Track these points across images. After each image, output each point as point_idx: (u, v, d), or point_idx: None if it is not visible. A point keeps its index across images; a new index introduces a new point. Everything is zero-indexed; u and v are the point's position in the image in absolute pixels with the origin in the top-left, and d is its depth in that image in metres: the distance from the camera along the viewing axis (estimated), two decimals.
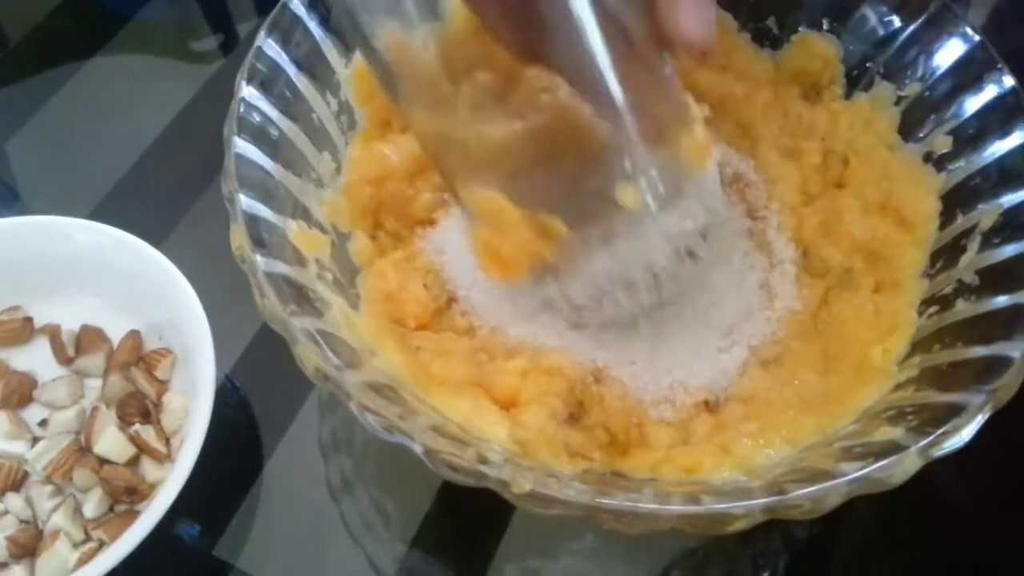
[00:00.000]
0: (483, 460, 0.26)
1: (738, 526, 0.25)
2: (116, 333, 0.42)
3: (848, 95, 0.40)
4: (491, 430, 0.29)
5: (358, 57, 0.38)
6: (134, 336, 0.41)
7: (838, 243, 0.38)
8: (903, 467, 0.25)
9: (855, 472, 0.26)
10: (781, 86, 0.41)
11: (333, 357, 0.27)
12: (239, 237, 0.30)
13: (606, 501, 0.25)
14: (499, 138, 0.30)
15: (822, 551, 0.39)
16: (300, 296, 0.30)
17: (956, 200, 0.35)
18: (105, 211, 0.50)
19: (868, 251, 0.37)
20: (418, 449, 0.26)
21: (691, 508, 0.25)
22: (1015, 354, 0.28)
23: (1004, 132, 0.34)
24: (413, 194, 0.39)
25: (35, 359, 0.41)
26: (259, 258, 0.29)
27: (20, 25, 0.59)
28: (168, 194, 0.51)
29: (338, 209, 0.36)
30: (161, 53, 0.58)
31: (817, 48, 0.40)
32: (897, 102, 0.38)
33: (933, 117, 0.37)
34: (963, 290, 0.33)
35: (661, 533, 0.26)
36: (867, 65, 0.39)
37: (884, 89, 0.39)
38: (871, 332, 0.34)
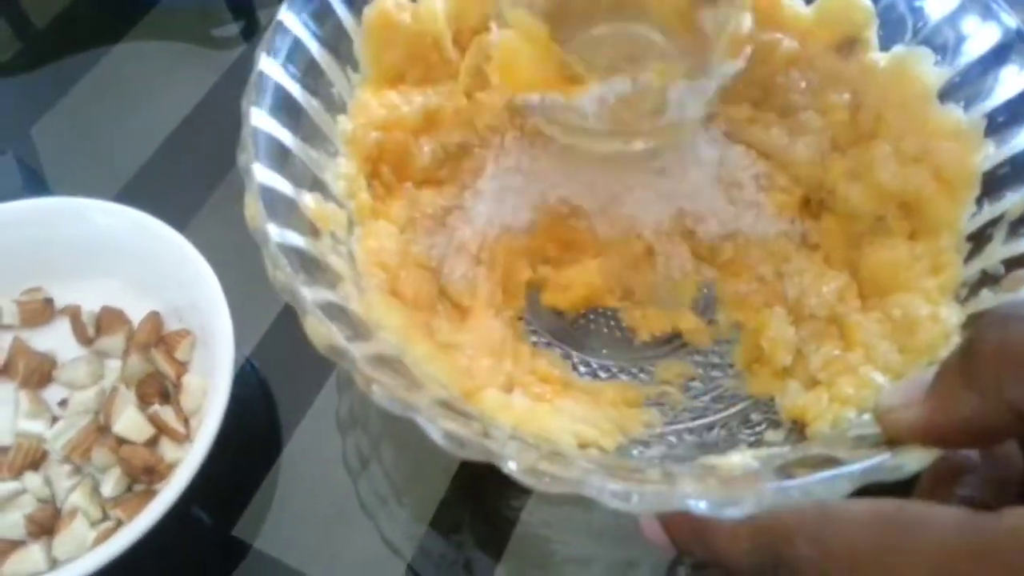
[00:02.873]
0: (488, 435, 0.25)
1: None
2: (136, 314, 0.42)
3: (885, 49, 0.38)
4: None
5: (368, 13, 0.37)
6: (154, 317, 0.41)
7: (869, 190, 0.37)
8: (916, 457, 0.24)
9: (867, 460, 0.24)
10: (810, 38, 0.39)
11: (343, 329, 0.27)
12: (253, 207, 0.29)
13: (610, 482, 0.24)
14: None
15: None
16: (312, 267, 0.29)
17: (984, 188, 0.34)
18: (129, 196, 0.49)
19: (902, 201, 0.36)
20: (423, 422, 0.25)
21: (697, 492, 0.24)
22: None
23: None
24: (416, 151, 0.38)
25: (56, 339, 0.41)
26: (272, 228, 0.29)
27: (44, 12, 0.59)
28: (191, 179, 0.51)
29: (355, 184, 0.36)
30: (184, 39, 0.58)
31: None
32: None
33: (963, 103, 0.35)
34: (988, 280, 0.31)
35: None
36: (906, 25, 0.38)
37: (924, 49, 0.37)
38: (909, 273, 0.33)
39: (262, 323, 0.45)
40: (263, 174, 0.30)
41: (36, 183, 0.51)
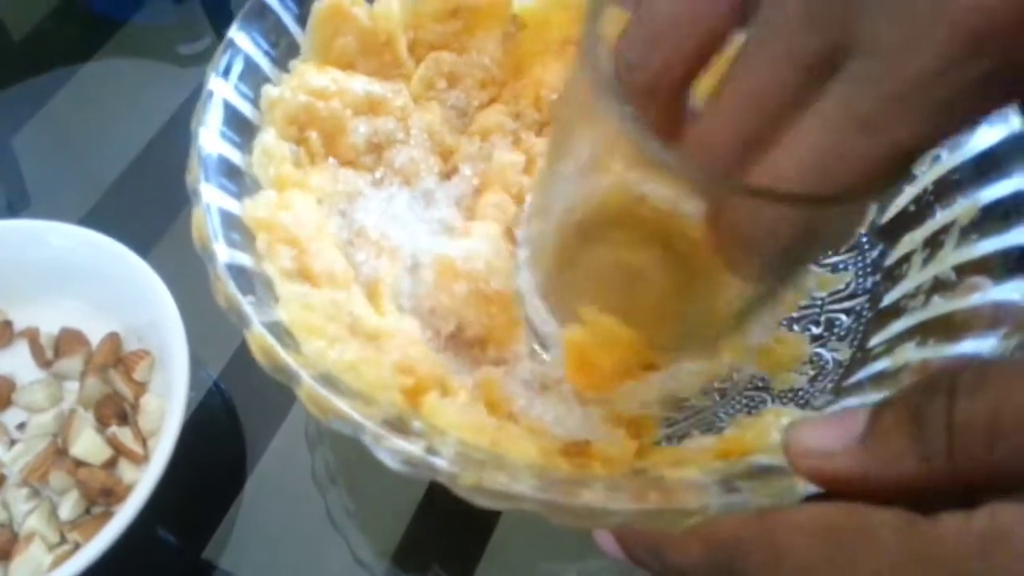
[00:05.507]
0: (434, 452, 0.25)
1: (693, 522, 0.24)
2: (95, 335, 0.41)
3: None
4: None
5: (319, 5, 0.36)
6: (112, 338, 0.41)
7: None
8: None
9: None
10: None
11: (287, 347, 0.26)
12: (200, 227, 0.29)
13: (558, 497, 0.24)
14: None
15: None
16: (261, 288, 0.29)
17: (936, 194, 0.34)
18: (98, 216, 0.50)
19: None
20: (368, 441, 0.25)
21: (643, 506, 0.24)
22: (985, 352, 0.27)
23: (987, 124, 0.32)
24: (350, 129, 0.36)
25: (15, 362, 0.41)
26: (219, 248, 0.28)
27: (20, 26, 0.59)
28: (161, 198, 0.50)
29: (277, 154, 0.34)
30: (155, 57, 0.58)
31: None
32: None
33: None
34: (940, 286, 0.31)
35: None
36: None
37: None
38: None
39: (230, 344, 0.45)
40: (212, 194, 0.30)
41: (4, 203, 0.51)
